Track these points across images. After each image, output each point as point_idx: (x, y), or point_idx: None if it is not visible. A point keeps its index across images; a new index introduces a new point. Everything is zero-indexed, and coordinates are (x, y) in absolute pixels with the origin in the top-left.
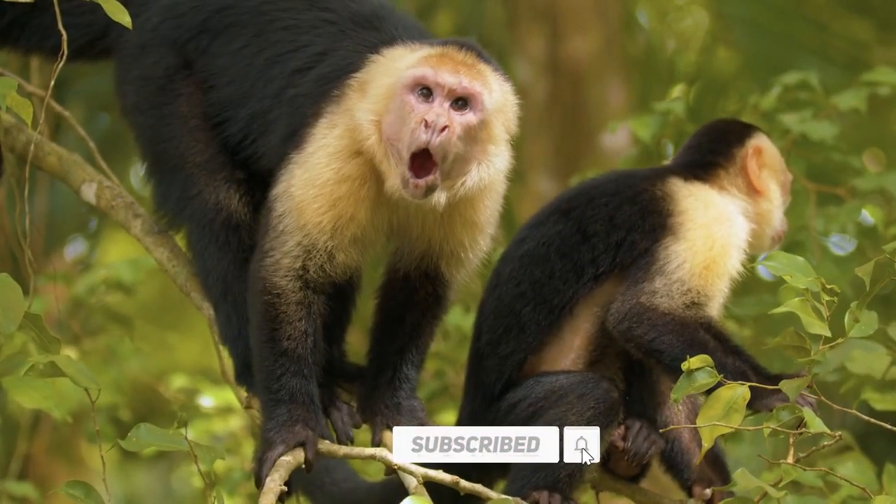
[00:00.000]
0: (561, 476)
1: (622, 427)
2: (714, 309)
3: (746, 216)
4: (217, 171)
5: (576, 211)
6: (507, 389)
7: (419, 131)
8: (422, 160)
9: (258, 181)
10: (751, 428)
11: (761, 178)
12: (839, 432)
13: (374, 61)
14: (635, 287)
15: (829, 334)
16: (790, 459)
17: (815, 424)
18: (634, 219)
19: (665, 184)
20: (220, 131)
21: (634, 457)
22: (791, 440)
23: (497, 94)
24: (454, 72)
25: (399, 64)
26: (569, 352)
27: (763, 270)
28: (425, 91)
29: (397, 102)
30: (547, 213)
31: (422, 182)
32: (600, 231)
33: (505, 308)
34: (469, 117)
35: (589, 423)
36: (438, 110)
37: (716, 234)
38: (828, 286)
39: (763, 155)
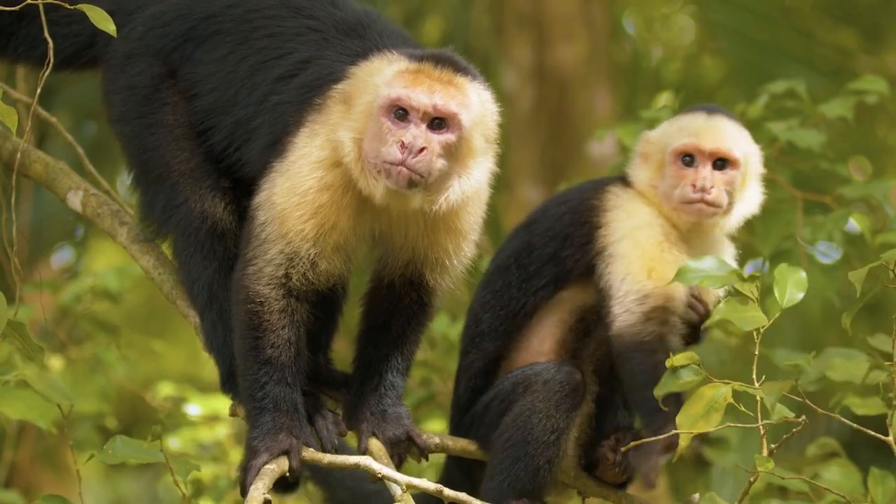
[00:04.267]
0: (525, 477)
1: (612, 438)
2: (679, 311)
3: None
4: (202, 179)
5: (536, 222)
6: (482, 395)
7: (394, 151)
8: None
9: (244, 189)
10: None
11: None
12: (803, 416)
13: (354, 74)
14: (606, 319)
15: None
16: (764, 452)
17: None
18: (569, 230)
19: (604, 193)
20: (204, 139)
21: (624, 470)
22: (762, 433)
23: (476, 108)
24: (429, 92)
25: (377, 79)
26: (538, 356)
27: None
28: (401, 112)
29: (374, 123)
30: (521, 224)
31: (405, 172)
32: (538, 243)
33: (473, 318)
34: (447, 136)
35: (557, 406)
36: (415, 132)
37: (641, 238)
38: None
39: None
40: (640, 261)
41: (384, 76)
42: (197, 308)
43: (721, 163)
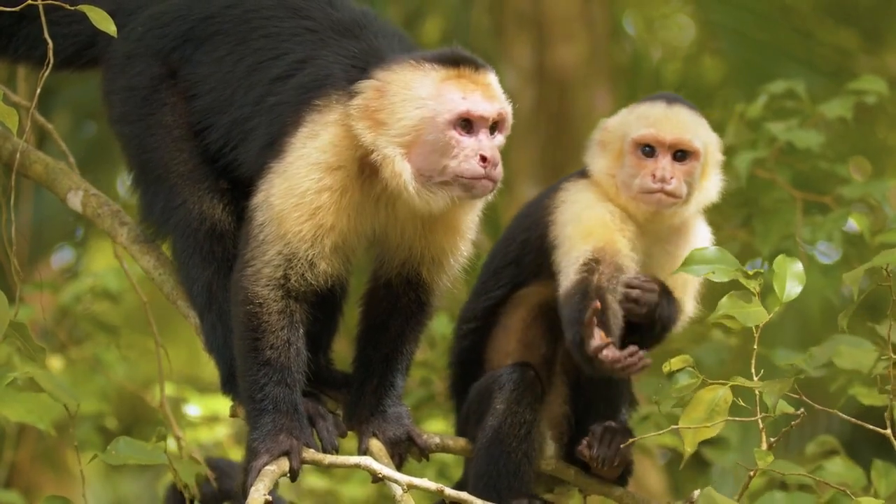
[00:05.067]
0: (507, 473)
1: (589, 433)
2: (618, 266)
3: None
4: (201, 180)
5: (509, 227)
6: (458, 396)
7: (474, 165)
8: None
9: (242, 190)
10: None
11: None
12: (801, 409)
13: (376, 87)
14: None
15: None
16: (763, 446)
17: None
18: (526, 234)
19: (556, 191)
20: (201, 139)
21: (604, 462)
22: (761, 426)
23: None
24: (489, 99)
25: (419, 91)
26: (505, 356)
27: None
28: (466, 123)
29: (436, 137)
30: (506, 227)
31: (490, 183)
32: (502, 247)
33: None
34: (499, 140)
35: (518, 402)
36: (488, 143)
37: (583, 217)
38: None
39: None
40: (581, 234)
41: (426, 87)
42: (196, 309)
43: (681, 153)
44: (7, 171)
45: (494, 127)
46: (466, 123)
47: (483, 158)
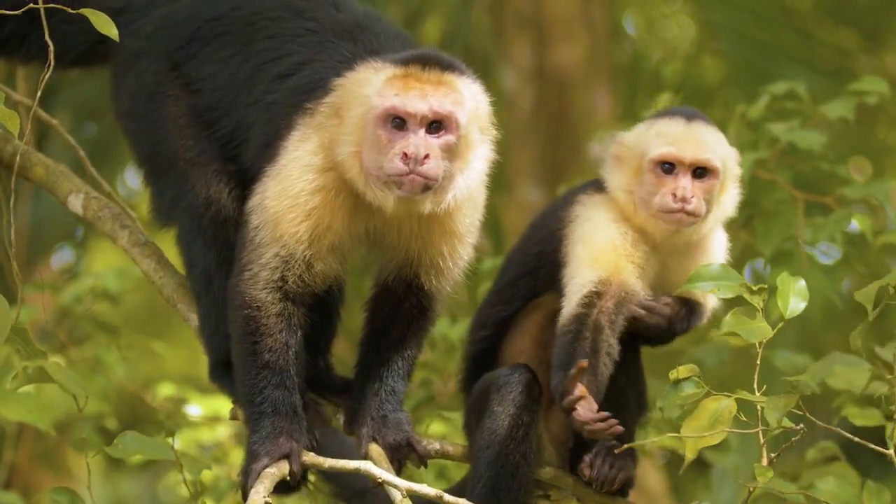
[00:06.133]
0: (505, 476)
1: (593, 451)
2: (624, 296)
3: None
4: (208, 164)
5: (528, 233)
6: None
7: (397, 164)
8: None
9: (247, 174)
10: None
11: None
12: (801, 424)
13: (342, 86)
14: None
15: None
16: (764, 462)
17: None
18: (542, 246)
19: (572, 204)
20: (209, 133)
21: (603, 483)
22: (762, 441)
23: (469, 103)
24: (423, 96)
25: (367, 90)
26: (520, 355)
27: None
28: (398, 121)
29: (371, 134)
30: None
31: (419, 179)
32: (518, 257)
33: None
34: (446, 138)
35: (515, 404)
36: (416, 141)
37: (594, 238)
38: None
39: None
40: (588, 258)
41: (373, 86)
42: (194, 292)
43: (700, 171)
44: (7, 174)
45: (439, 126)
46: (400, 121)
47: (405, 156)
